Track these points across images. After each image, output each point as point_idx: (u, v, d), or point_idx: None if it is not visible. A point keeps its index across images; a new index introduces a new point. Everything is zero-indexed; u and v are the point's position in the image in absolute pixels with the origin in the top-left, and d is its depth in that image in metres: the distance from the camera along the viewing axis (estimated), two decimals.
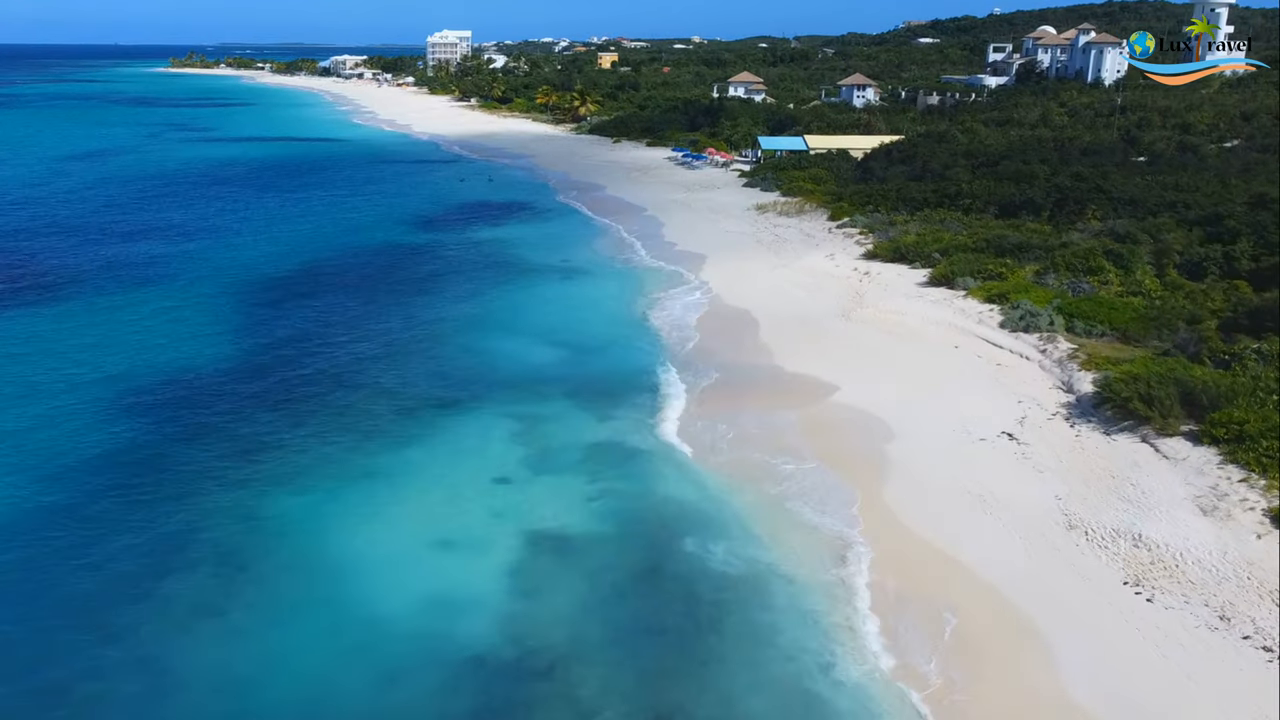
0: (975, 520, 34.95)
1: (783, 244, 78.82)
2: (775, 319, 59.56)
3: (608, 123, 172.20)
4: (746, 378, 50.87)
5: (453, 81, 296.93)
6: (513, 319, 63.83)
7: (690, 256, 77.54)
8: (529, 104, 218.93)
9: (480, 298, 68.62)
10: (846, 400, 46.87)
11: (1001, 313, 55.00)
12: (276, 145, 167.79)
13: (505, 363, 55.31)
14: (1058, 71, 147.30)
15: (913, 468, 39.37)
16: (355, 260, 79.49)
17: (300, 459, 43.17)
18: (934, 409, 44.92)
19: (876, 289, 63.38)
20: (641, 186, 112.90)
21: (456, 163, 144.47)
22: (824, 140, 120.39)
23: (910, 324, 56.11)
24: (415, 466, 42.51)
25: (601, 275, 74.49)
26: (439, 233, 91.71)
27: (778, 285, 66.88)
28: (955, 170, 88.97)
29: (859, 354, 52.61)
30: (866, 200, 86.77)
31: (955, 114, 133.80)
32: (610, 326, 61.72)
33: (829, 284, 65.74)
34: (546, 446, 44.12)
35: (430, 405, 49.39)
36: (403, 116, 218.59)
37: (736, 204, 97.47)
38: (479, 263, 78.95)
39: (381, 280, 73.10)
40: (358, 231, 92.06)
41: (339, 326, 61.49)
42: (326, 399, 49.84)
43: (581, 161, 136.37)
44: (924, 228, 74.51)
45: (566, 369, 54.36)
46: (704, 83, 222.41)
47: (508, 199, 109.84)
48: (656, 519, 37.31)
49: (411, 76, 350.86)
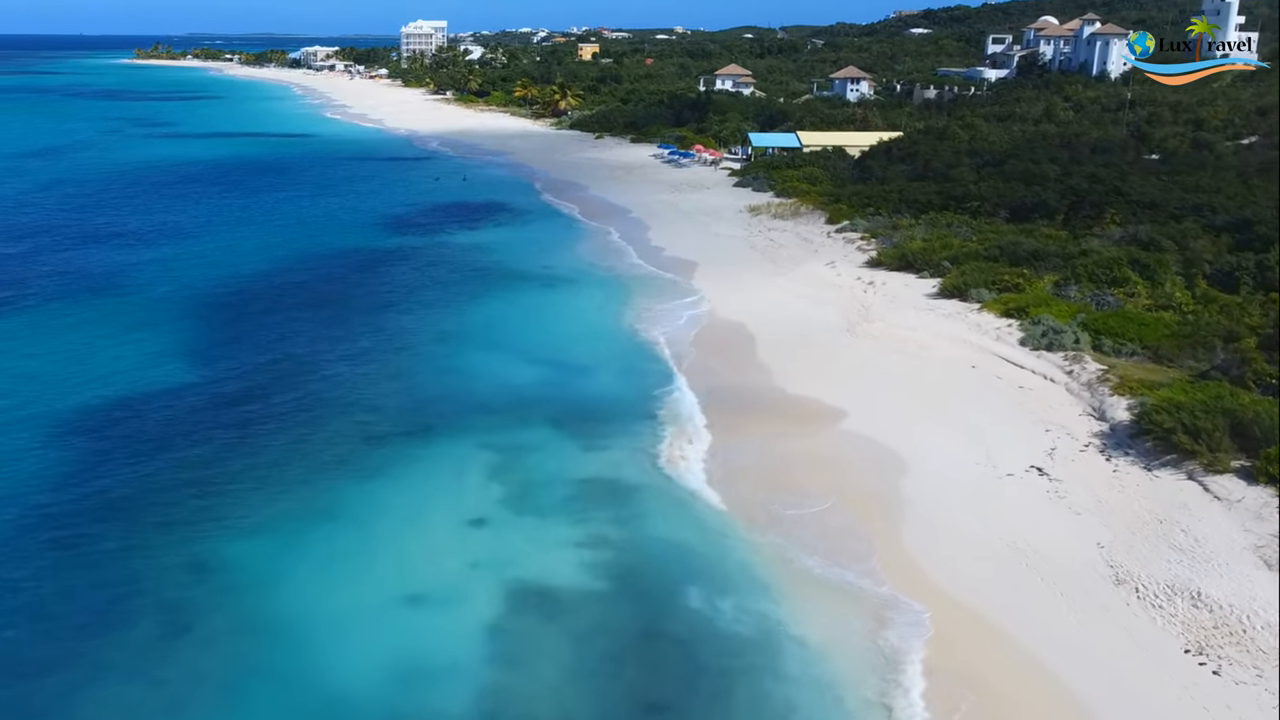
0: (1009, 573, 32.01)
1: (779, 250, 75.84)
2: (774, 334, 56.60)
3: (589, 118, 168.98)
4: (746, 401, 47.88)
5: (427, 74, 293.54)
6: (491, 333, 60.76)
7: (680, 263, 74.52)
8: (507, 97, 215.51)
9: (456, 309, 65.50)
10: (855, 427, 43.95)
11: (1021, 329, 52.06)
12: (243, 141, 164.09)
13: (483, 383, 52.25)
14: (1061, 64, 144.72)
15: (933, 508, 36.43)
16: (323, 268, 76.19)
17: (256, 497, 40.04)
18: (952, 438, 42.03)
19: (883, 301, 60.43)
20: (626, 186, 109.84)
21: (431, 160, 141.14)
22: (818, 137, 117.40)
23: (921, 340, 53.18)
24: (383, 505, 39.45)
25: (585, 284, 71.45)
26: (413, 236, 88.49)
27: (775, 296, 63.94)
28: (960, 170, 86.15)
29: (866, 374, 49.70)
30: (866, 202, 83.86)
31: (954, 109, 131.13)
32: (596, 342, 58.70)
33: (831, 295, 62.78)
34: (529, 482, 41.08)
35: (401, 432, 46.34)
36: (375, 110, 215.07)
37: (727, 205, 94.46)
38: (455, 270, 75.78)
39: (350, 290, 69.85)
40: (326, 235, 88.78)
41: (303, 342, 58.28)
42: (288, 425, 46.68)
43: (562, 159, 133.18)
44: (930, 233, 71.61)
45: (550, 390, 51.35)
46: (689, 75, 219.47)
47: (485, 199, 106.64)
48: (654, 569, 34.29)
49: (385, 69, 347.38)
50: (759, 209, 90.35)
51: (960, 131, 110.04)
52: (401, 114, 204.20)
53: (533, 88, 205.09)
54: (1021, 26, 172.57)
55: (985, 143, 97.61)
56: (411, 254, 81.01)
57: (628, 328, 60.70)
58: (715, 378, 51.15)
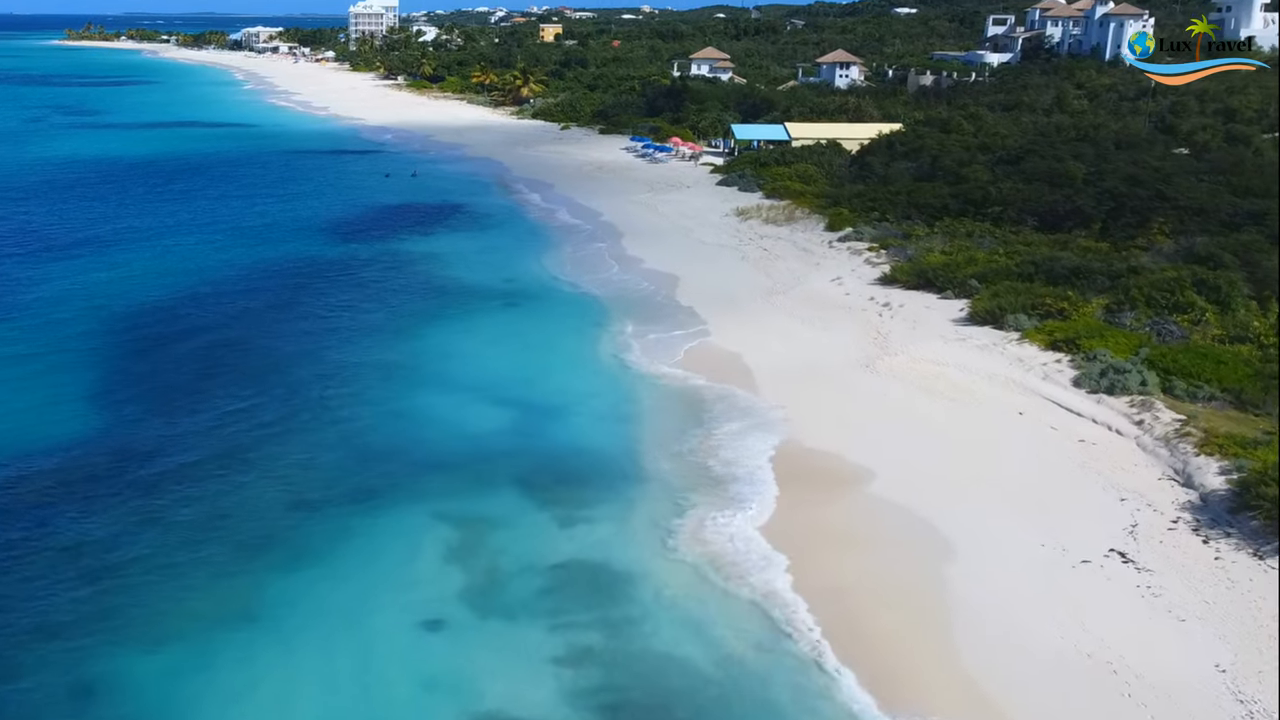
0: (1108, 710, 26.45)
1: (774, 262, 70.16)
2: (777, 368, 50.99)
3: (554, 106, 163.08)
4: None
5: (377, 57, 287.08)
6: (446, 365, 54.89)
7: (662, 278, 68.82)
8: (463, 83, 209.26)
9: (406, 335, 59.52)
10: (885, 493, 38.40)
11: (1074, 365, 46.53)
12: (177, 133, 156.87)
13: (437, 431, 46.47)
14: (1071, 47, 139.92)
15: (993, 610, 30.86)
16: (255, 284, 69.87)
17: (161, 591, 34.17)
18: (1005, 510, 36.54)
19: (903, 327, 54.83)
20: (596, 184, 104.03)
21: (380, 153, 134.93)
22: (808, 129, 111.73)
23: (954, 379, 47.61)
24: (315, 602, 33.67)
25: (555, 303, 65.69)
26: (358, 244, 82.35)
27: (775, 320, 58.32)
28: (973, 168, 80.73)
29: (892, 421, 44.15)
30: (870, 206, 78.32)
31: (954, 97, 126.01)
32: (569, 376, 52.99)
33: (840, 319, 57.14)
34: (495, 569, 35.35)
35: (339, 498, 40.58)
36: (321, 97, 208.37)
37: (712, 208, 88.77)
38: (405, 286, 69.74)
39: (284, 312, 63.63)
40: (262, 244, 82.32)
41: (227, 380, 52.14)
42: (204, 490, 40.72)
43: (525, 153, 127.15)
44: (950, 244, 66.04)
45: (517, 440, 45.64)
46: (660, 59, 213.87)
47: (440, 200, 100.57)
48: (654, 699, 28.58)
49: (332, 51, 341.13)
50: (748, 212, 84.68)
51: (964, 123, 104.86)
52: (349, 101, 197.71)
53: (491, 73, 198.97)
54: (1023, 6, 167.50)
55: (996, 136, 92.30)
56: (356, 266, 74.90)
57: (605, 359, 55.04)
58: (716, 426, 45.53)
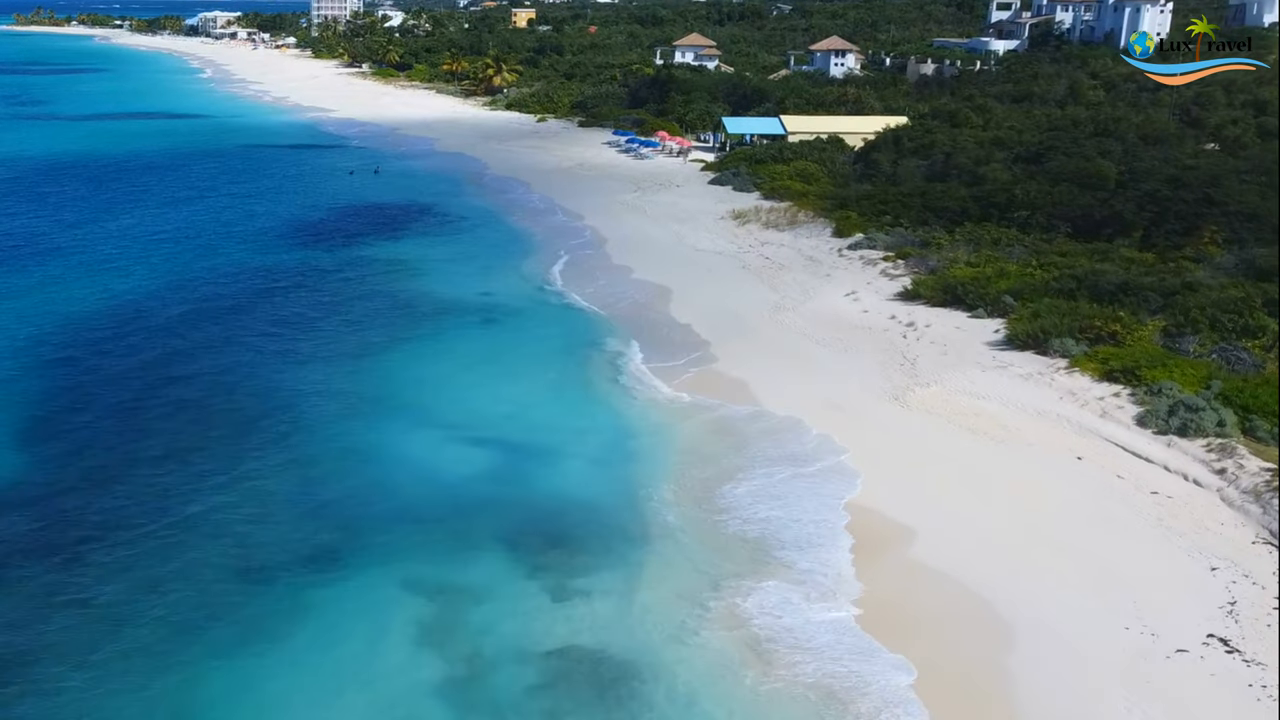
0: None
1: (780, 273, 65.68)
2: (792, 400, 46.53)
3: (529, 96, 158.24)
4: None
5: (341, 43, 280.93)
6: (417, 396, 50.26)
7: (655, 290, 64.39)
8: (432, 71, 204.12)
9: (371, 359, 54.86)
10: (928, 557, 34.01)
11: (1135, 400, 42.14)
12: (126, 125, 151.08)
13: (408, 478, 41.92)
14: (1082, 34, 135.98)
15: (1075, 714, 26.53)
16: (203, 300, 64.79)
17: (77, 683, 29.62)
18: (1072, 581, 32.21)
19: (933, 352, 50.37)
20: (578, 183, 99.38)
21: (344, 147, 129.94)
22: (805, 122, 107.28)
23: (998, 415, 43.18)
24: (263, 703, 29.09)
25: (537, 319, 61.15)
26: (318, 250, 77.51)
27: (787, 341, 53.88)
28: (992, 167, 76.47)
29: (931, 467, 39.77)
30: (881, 209, 73.94)
31: (958, 87, 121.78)
32: (556, 408, 48.51)
33: (860, 341, 52.69)
34: (477, 657, 30.89)
35: (294, 563, 36.09)
36: (281, 86, 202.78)
37: (705, 210, 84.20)
38: (370, 300, 64.99)
39: (234, 334, 58.67)
40: (212, 251, 77.27)
41: (166, 418, 47.30)
42: (135, 559, 36.06)
43: (499, 148, 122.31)
44: (977, 254, 61.61)
45: (500, 488, 41.17)
46: (640, 45, 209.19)
47: (408, 200, 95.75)
48: None
49: (293, 37, 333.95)
50: (745, 215, 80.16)
51: (973, 115, 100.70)
52: (311, 91, 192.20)
53: (462, 60, 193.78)
54: None
55: (1011, 131, 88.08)
56: (317, 277, 70.06)
57: (597, 388, 50.59)
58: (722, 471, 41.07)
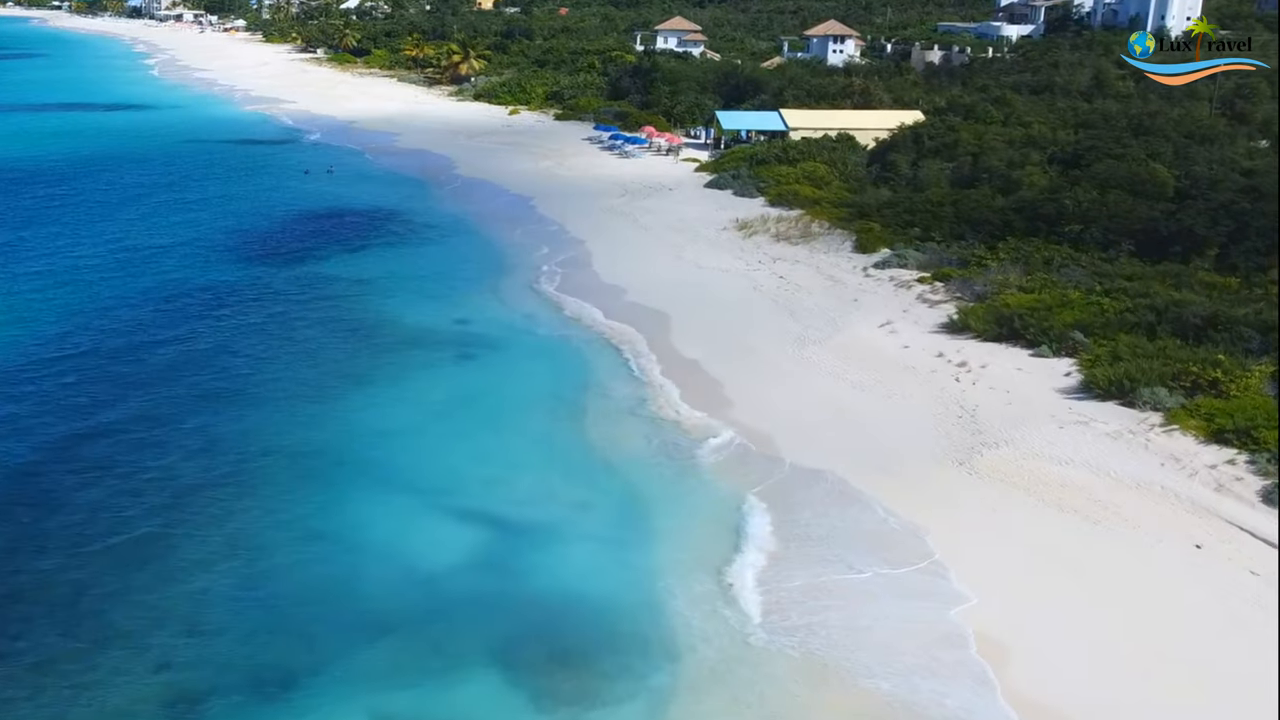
0: None
1: (798, 296, 59.59)
2: (831, 460, 40.64)
3: (499, 86, 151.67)
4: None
5: (294, 27, 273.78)
6: (383, 453, 44.12)
7: (652, 316, 58.41)
8: (392, 57, 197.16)
9: (327, 404, 48.69)
10: (1027, 688, 28.14)
11: (1257, 470, 36.21)
12: (53, 119, 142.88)
13: (374, 566, 35.98)
14: (1104, 18, 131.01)
15: None
16: (131, 330, 58.12)
17: None
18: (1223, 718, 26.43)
19: (993, 400, 44.35)
20: (558, 186, 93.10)
21: (296, 143, 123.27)
22: (809, 117, 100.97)
23: (1085, 485, 37.20)
24: None
25: (518, 353, 55.08)
26: (267, 267, 70.96)
27: (814, 383, 47.86)
28: (1029, 171, 70.64)
29: (1012, 553, 33.94)
30: (907, 219, 67.89)
31: (969, 77, 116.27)
32: (549, 470, 42.59)
33: (906, 385, 46.66)
34: None
35: (234, 689, 30.42)
36: (228, 74, 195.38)
37: (705, 218, 77.95)
38: (326, 329, 58.68)
39: (167, 374, 51.98)
40: (145, 269, 70.20)
41: (76, 484, 41.01)
42: (45, 675, 30.03)
43: (469, 144, 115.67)
44: (1028, 277, 55.55)
45: (487, 582, 35.36)
46: (616, 29, 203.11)
47: (369, 205, 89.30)
48: None
49: (242, 20, 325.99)
50: (751, 225, 73.95)
51: (992, 109, 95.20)
52: (262, 79, 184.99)
53: (426, 46, 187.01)
54: None
55: (1044, 127, 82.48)
56: (265, 300, 63.61)
57: (595, 444, 44.58)
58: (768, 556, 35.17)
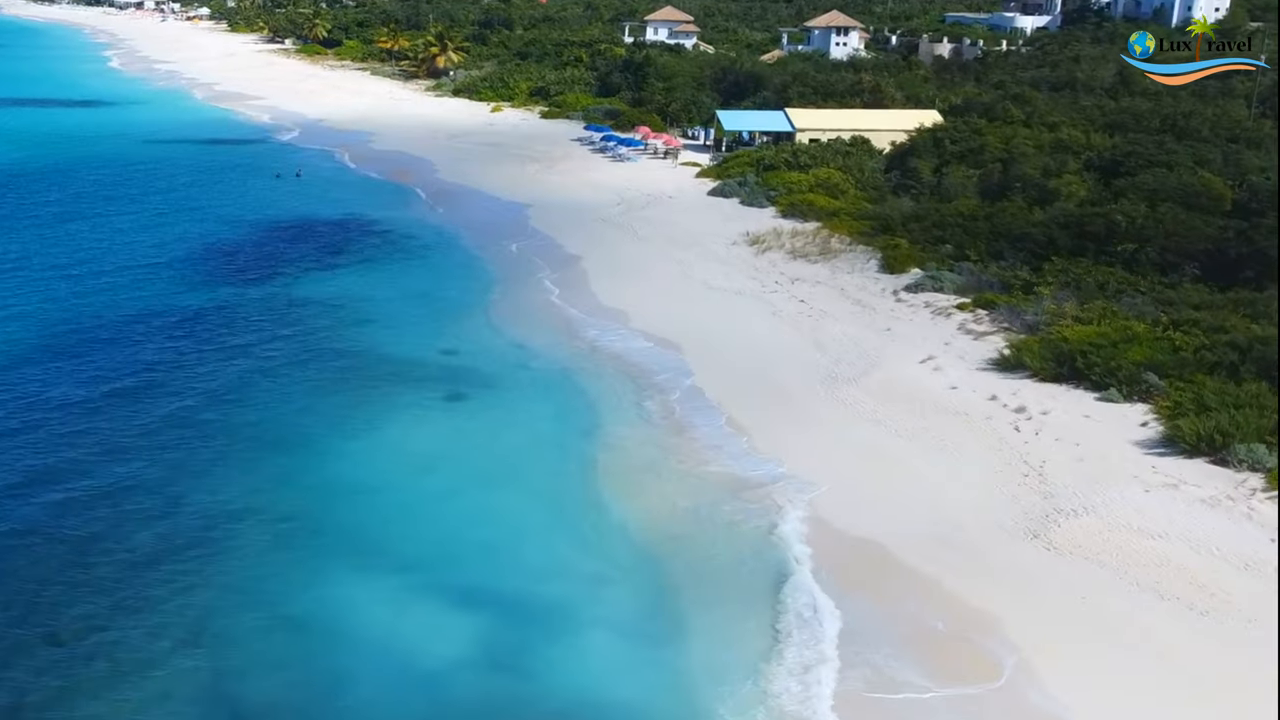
0: None
1: (823, 323, 55.20)
2: (884, 527, 36.39)
3: (480, 80, 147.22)
4: None
5: (260, 15, 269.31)
6: (368, 517, 39.67)
7: (661, 346, 54.21)
8: (365, 49, 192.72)
9: (304, 456, 44.10)
10: None
11: None
12: (2, 115, 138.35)
13: (362, 666, 31.63)
14: (1125, 9, 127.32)
15: None
16: (79, 364, 53.24)
17: None
18: None
19: (1062, 455, 39.92)
20: (548, 193, 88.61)
21: (265, 142, 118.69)
22: (817, 117, 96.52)
23: (1184, 564, 32.87)
24: None
25: (515, 390, 50.72)
26: (232, 287, 66.24)
27: (855, 432, 43.46)
28: (1067, 180, 66.57)
29: (1110, 656, 29.67)
30: (936, 234, 63.60)
31: (984, 72, 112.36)
32: (560, 538, 38.29)
33: (958, 433, 42.31)
34: None
35: None
36: (191, 66, 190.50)
37: (711, 231, 73.54)
38: (300, 364, 53.98)
39: (120, 422, 47.02)
40: (96, 289, 65.18)
41: (14, 556, 36.48)
42: None
43: (449, 145, 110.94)
44: (1086, 306, 51.20)
45: (494, 683, 31.26)
46: (600, 18, 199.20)
47: (344, 213, 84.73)
48: None
49: (206, 8, 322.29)
50: (763, 240, 69.54)
51: (1013, 108, 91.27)
52: (227, 72, 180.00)
53: (400, 37, 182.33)
54: None
55: (1078, 132, 78.46)
56: (231, 328, 58.81)
57: (609, 502, 40.20)
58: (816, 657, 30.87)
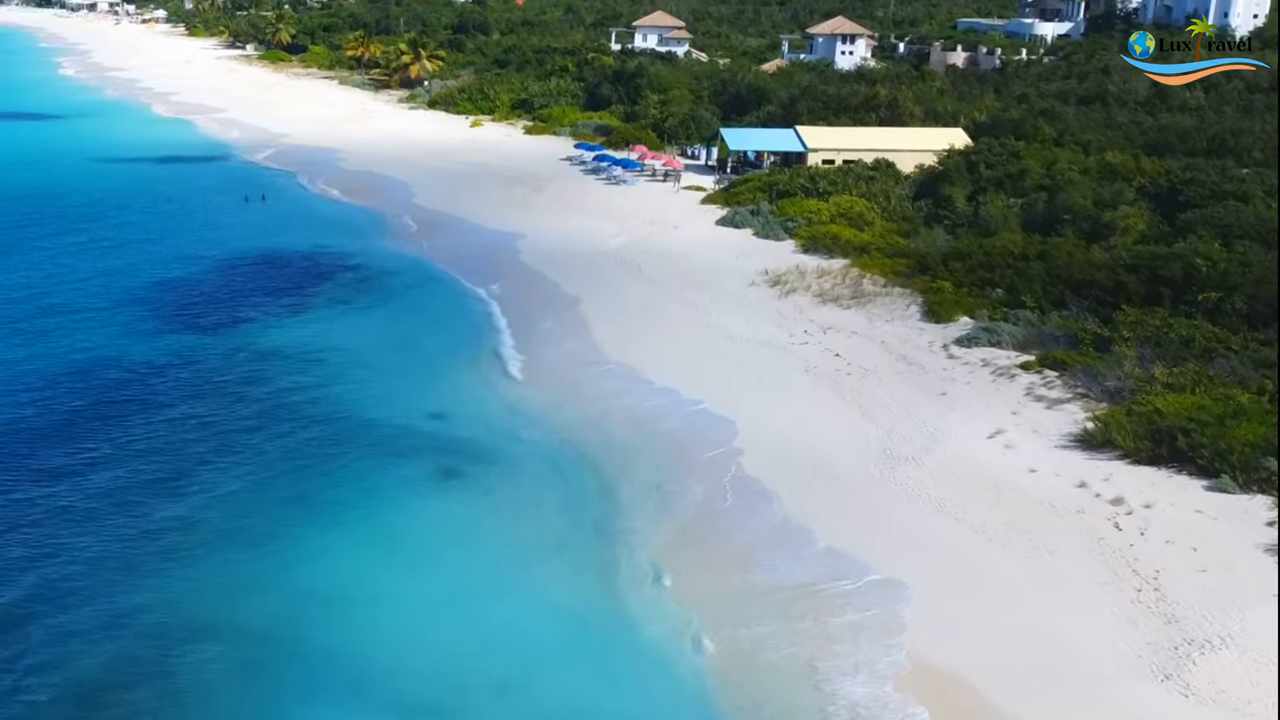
0: None
1: (866, 386, 49.81)
2: (977, 661, 31.31)
3: (457, 91, 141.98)
4: None
5: (221, 19, 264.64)
6: (351, 640, 34.31)
7: (681, 408, 49.07)
8: (332, 56, 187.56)
9: (273, 557, 38.72)
10: None
11: None
12: None
13: None
14: (1156, 16, 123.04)
15: None
16: (3, 438, 48.14)
17: None
18: None
19: (1179, 564, 34.67)
20: (538, 220, 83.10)
21: (226, 160, 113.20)
22: (831, 135, 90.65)
23: None
24: None
25: (517, 467, 45.47)
26: (188, 336, 60.57)
27: (920, 522, 38.36)
28: (1125, 213, 61.67)
29: None
30: (985, 276, 58.42)
31: (1003, 83, 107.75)
32: (582, 667, 33.19)
33: (1046, 530, 37.06)
34: None
35: None
36: (148, 74, 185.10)
37: (724, 266, 68.04)
38: (265, 432, 48.51)
39: (57, 508, 41.62)
40: (29, 339, 59.58)
41: None
42: None
43: (427, 165, 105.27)
44: (1177, 370, 45.97)
45: None
46: (582, 23, 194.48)
47: (314, 244, 79.30)
48: None
49: (163, 10, 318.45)
50: (785, 279, 64.02)
51: (1044, 126, 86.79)
52: (185, 80, 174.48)
53: (370, 44, 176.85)
54: None
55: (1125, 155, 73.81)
56: (187, 387, 53.27)
57: (637, 620, 35.06)
58: None
